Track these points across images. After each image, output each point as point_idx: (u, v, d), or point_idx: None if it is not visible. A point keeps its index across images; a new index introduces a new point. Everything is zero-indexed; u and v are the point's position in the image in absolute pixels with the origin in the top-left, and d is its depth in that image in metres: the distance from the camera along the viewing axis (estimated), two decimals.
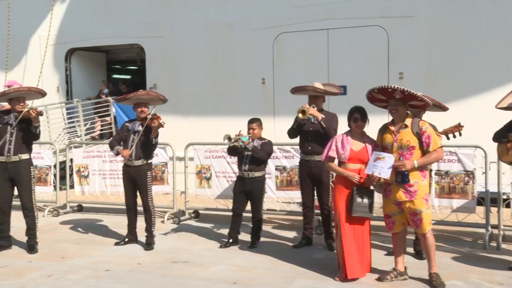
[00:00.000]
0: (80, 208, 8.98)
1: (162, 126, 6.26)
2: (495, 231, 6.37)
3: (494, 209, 6.52)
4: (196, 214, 8.32)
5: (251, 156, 6.31)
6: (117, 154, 6.58)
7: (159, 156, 8.24)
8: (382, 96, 5.06)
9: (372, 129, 5.28)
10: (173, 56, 11.14)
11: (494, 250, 6.10)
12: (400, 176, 4.84)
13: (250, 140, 6.27)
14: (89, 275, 5.44)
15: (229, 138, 6.23)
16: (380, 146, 5.11)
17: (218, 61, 10.69)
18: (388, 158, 4.87)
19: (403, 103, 4.96)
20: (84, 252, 6.33)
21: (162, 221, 7.90)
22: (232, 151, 6.40)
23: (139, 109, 6.44)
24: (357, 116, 5.17)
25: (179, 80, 11.03)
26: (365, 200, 5.02)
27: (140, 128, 6.37)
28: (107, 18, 11.85)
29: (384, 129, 5.10)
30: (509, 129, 5.37)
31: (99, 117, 12.25)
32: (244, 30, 10.37)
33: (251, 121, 6.44)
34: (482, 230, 6.49)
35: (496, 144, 5.54)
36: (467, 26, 8.77)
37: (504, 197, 6.39)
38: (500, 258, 5.79)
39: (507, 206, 6.33)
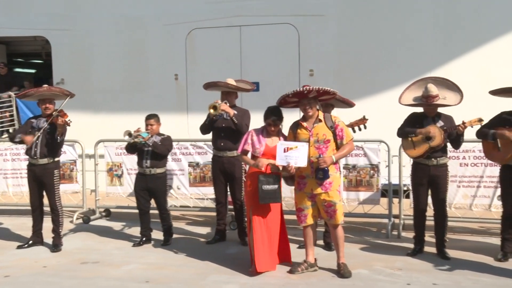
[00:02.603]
0: None
1: (68, 125, 6.01)
2: (397, 221, 6.78)
3: (396, 200, 6.93)
4: (107, 213, 8.10)
5: (151, 152, 6.27)
6: (20, 141, 6.17)
7: (67, 154, 7.94)
8: (295, 98, 5.18)
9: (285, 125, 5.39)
10: (82, 50, 10.70)
11: (395, 239, 6.48)
12: (322, 173, 4.97)
13: (150, 136, 6.23)
14: None
15: (130, 134, 6.16)
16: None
17: (130, 56, 10.42)
18: (301, 146, 4.97)
19: (314, 100, 5.12)
20: None
21: (71, 221, 7.61)
22: (131, 148, 6.33)
23: (43, 106, 6.15)
24: (270, 122, 5.25)
25: (88, 76, 10.62)
26: (271, 187, 5.10)
27: (45, 125, 6.07)
28: (7, 7, 11.11)
29: (296, 126, 5.21)
30: (410, 124, 5.71)
31: None
32: (156, 25, 10.18)
33: (148, 117, 6.39)
34: (386, 220, 6.87)
35: (399, 138, 5.87)
36: (372, 26, 9.20)
37: (405, 188, 6.80)
38: (401, 245, 6.16)
39: (407, 196, 6.74)
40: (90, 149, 8.12)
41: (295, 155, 4.97)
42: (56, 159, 6.26)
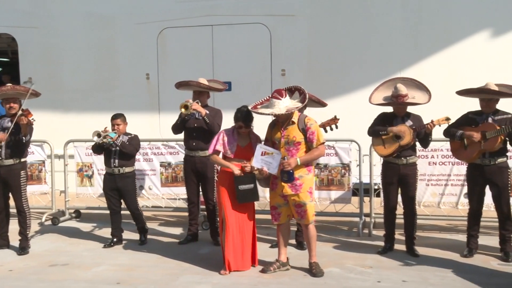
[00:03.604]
0: None
1: (31, 124, 5.89)
2: (368, 219, 6.87)
3: (366, 199, 7.02)
4: (77, 214, 7.98)
5: (119, 152, 6.23)
6: None
7: (35, 154, 7.81)
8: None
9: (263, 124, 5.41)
10: (51, 48, 10.46)
11: (366, 237, 6.56)
12: (286, 175, 5.00)
13: (117, 135, 6.21)
14: None
15: (99, 135, 6.12)
16: (270, 140, 5.24)
17: (100, 55, 10.24)
18: (276, 154, 5.02)
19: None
20: None
21: (40, 223, 7.47)
22: (98, 148, 6.27)
23: (7, 106, 6.01)
24: (241, 124, 5.26)
25: (57, 74, 10.40)
26: (248, 186, 5.13)
27: (10, 125, 5.94)
28: None
29: (273, 125, 5.26)
30: (380, 124, 5.79)
31: None
32: (127, 23, 10.03)
33: (114, 117, 6.36)
34: (357, 219, 6.94)
35: (370, 138, 5.94)
36: (343, 26, 9.27)
37: (375, 187, 6.89)
38: (371, 243, 6.24)
39: (378, 195, 6.84)
40: (59, 149, 7.99)
41: (269, 161, 5.03)
42: (23, 159, 6.12)
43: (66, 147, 7.87)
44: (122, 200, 6.45)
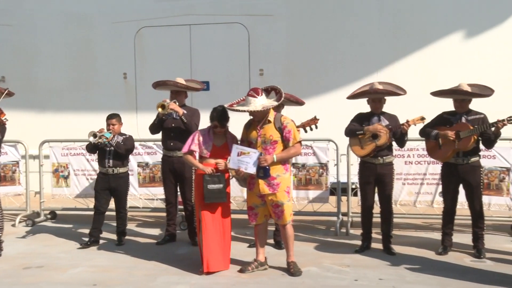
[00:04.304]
0: None
1: (4, 123, 5.78)
2: (345, 219, 6.92)
3: (344, 198, 7.07)
4: (53, 215, 7.87)
5: (114, 152, 6.21)
6: None
7: (8, 155, 7.68)
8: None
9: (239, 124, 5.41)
10: (25, 47, 10.30)
11: (344, 236, 6.61)
12: (262, 171, 5.01)
13: (113, 136, 6.18)
14: None
15: (95, 135, 6.08)
16: (246, 141, 5.23)
17: (77, 54, 10.13)
18: (253, 153, 5.02)
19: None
20: None
21: (13, 225, 7.34)
22: (92, 148, 6.23)
23: None
24: (217, 124, 5.25)
25: (32, 74, 10.25)
26: (216, 186, 5.12)
27: None
28: None
29: (249, 125, 5.25)
30: (356, 123, 5.84)
31: None
32: (104, 22, 9.94)
33: (110, 117, 6.32)
34: (334, 218, 7.00)
35: (347, 137, 5.99)
36: (321, 27, 9.34)
37: (353, 186, 6.95)
38: (349, 243, 6.29)
39: (355, 194, 6.89)
40: (34, 150, 7.87)
41: (246, 161, 5.01)
42: None
43: (42, 147, 7.76)
44: (110, 202, 6.39)
